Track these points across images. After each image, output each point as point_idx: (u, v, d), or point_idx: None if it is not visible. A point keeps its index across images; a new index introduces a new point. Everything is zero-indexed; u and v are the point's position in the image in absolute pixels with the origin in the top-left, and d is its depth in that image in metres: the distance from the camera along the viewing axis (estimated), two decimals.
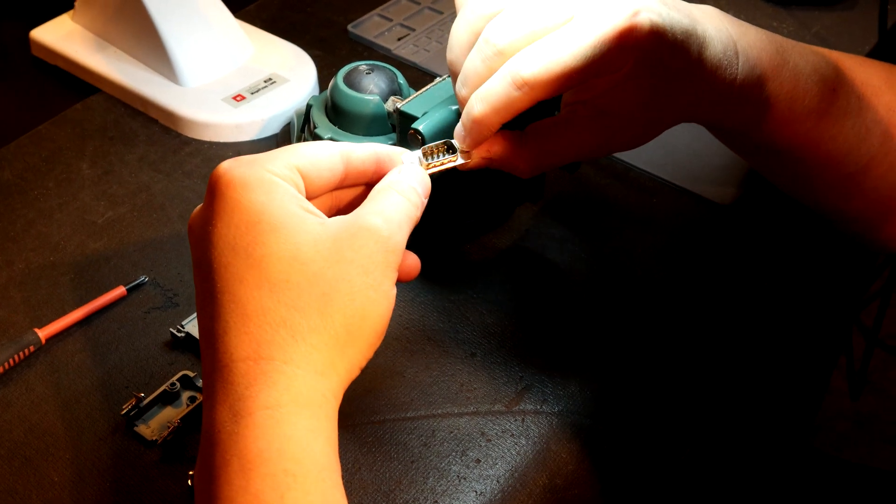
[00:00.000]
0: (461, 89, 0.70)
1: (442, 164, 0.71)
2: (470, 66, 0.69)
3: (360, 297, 0.61)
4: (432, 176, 0.70)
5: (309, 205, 0.62)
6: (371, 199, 0.65)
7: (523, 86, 0.66)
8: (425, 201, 0.67)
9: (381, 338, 0.63)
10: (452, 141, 0.71)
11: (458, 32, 0.72)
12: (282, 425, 0.58)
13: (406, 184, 0.66)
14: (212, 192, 0.62)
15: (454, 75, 0.72)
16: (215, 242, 0.60)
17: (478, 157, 0.72)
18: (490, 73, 0.68)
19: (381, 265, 0.62)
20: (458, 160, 0.71)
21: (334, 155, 0.65)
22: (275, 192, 0.61)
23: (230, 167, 0.62)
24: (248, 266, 0.59)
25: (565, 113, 0.74)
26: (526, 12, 0.68)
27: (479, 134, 0.70)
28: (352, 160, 0.66)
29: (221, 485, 0.57)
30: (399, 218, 0.63)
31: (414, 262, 0.67)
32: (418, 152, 0.71)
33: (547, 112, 0.75)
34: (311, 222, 0.61)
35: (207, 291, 0.61)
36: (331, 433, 0.60)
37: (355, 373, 0.62)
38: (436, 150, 0.71)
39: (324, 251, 0.60)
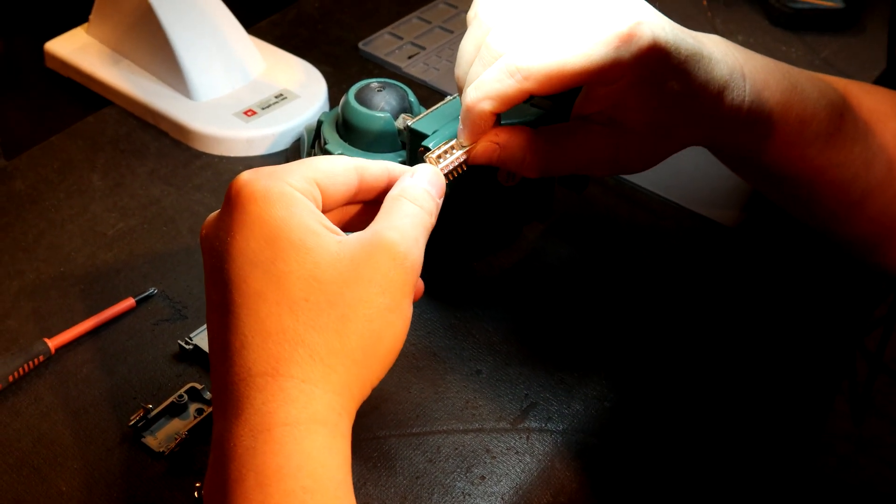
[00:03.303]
0: (464, 95, 0.71)
1: (452, 161, 0.72)
2: (472, 73, 0.71)
3: (378, 320, 0.61)
4: (446, 179, 0.71)
5: (327, 220, 0.62)
6: (386, 212, 0.64)
7: (516, 73, 0.67)
8: (440, 202, 0.67)
9: (396, 356, 0.63)
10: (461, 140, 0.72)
11: (466, 48, 0.73)
12: (300, 442, 0.58)
13: (419, 188, 0.66)
14: (231, 203, 0.61)
15: (462, 91, 0.72)
16: (234, 255, 0.60)
17: (485, 142, 0.72)
18: None
19: (399, 284, 0.62)
20: (463, 156, 0.72)
21: (350, 169, 0.65)
22: (295, 207, 0.61)
23: (251, 179, 0.61)
24: (268, 282, 0.59)
25: (574, 122, 0.74)
26: (528, 22, 0.69)
27: (473, 123, 0.70)
28: (366, 176, 0.66)
29: (237, 499, 0.57)
30: (415, 233, 0.63)
31: (419, 285, 0.67)
32: (430, 156, 0.71)
33: (556, 122, 0.76)
34: (330, 240, 0.61)
35: (223, 303, 0.61)
36: (345, 451, 0.60)
37: (368, 391, 0.62)
38: (447, 152, 0.72)
39: (343, 270, 0.60)
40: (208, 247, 0.63)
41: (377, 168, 0.67)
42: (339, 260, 0.60)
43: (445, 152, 0.72)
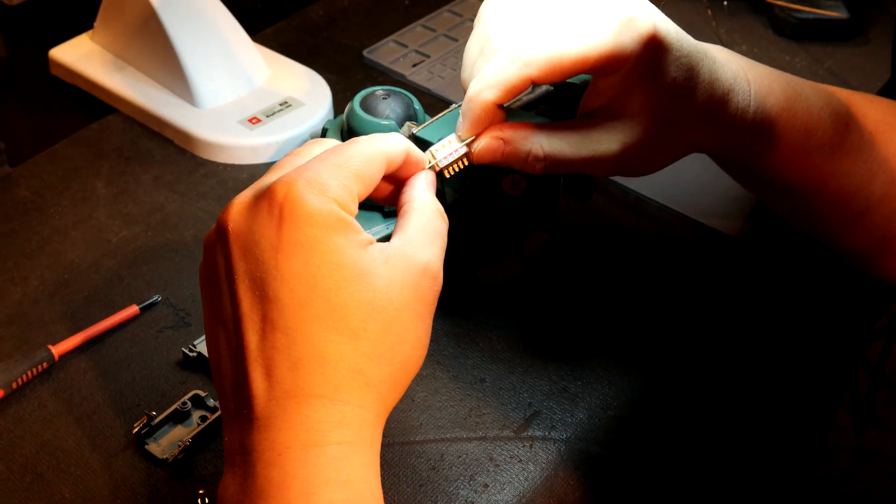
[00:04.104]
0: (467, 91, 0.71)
1: (451, 153, 0.72)
2: (476, 71, 0.71)
3: (417, 346, 0.63)
4: (448, 171, 0.71)
5: (367, 236, 0.62)
6: (420, 226, 0.65)
7: (517, 59, 0.67)
8: None
9: None
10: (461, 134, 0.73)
11: (471, 48, 0.74)
12: (350, 459, 0.59)
13: (435, 198, 0.68)
14: (280, 218, 0.59)
15: None
16: (285, 275, 0.59)
17: (489, 137, 0.71)
18: None
19: (432, 308, 0.64)
20: (463, 148, 0.72)
21: (382, 165, 0.65)
22: (350, 233, 0.61)
23: (305, 197, 0.60)
24: (329, 310, 0.59)
25: (579, 119, 0.74)
26: (531, 21, 0.69)
27: (474, 114, 0.70)
28: (391, 163, 0.66)
29: None
30: (442, 254, 0.65)
31: None
32: (428, 153, 0.72)
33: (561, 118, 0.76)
34: (380, 264, 0.61)
35: (266, 317, 0.60)
36: (378, 468, 0.62)
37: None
38: (447, 147, 0.72)
39: (395, 298, 0.61)
40: (240, 248, 0.61)
41: (401, 154, 0.67)
42: (391, 287, 0.61)
43: (446, 147, 0.72)
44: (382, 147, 0.65)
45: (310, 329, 0.59)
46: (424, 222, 0.65)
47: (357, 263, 0.60)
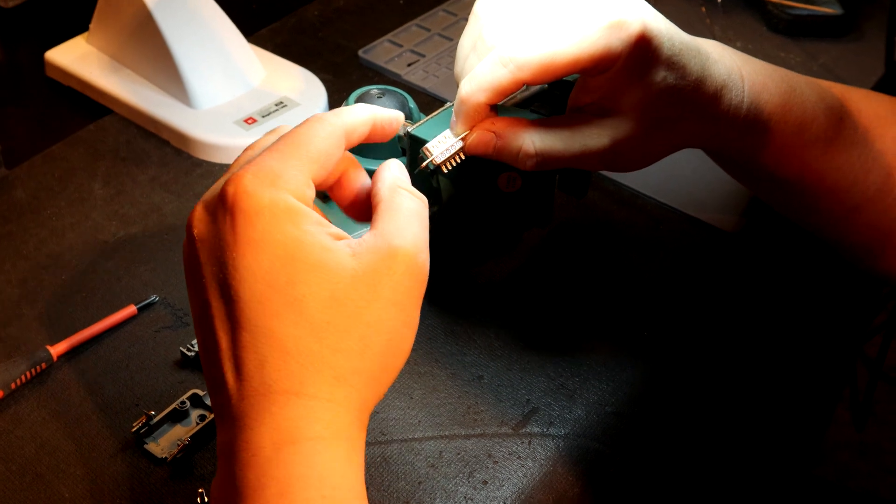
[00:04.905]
0: (459, 88, 0.71)
1: (447, 147, 0.72)
2: (468, 67, 0.71)
3: (396, 336, 0.61)
4: (445, 166, 0.72)
5: (332, 227, 0.61)
6: (389, 213, 0.63)
7: (509, 63, 0.68)
8: None
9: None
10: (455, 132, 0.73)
11: (464, 44, 0.74)
12: (323, 454, 0.58)
13: (407, 179, 0.66)
14: (232, 213, 0.59)
15: None
16: (244, 274, 0.59)
17: (481, 130, 0.72)
18: None
19: (415, 297, 0.62)
20: (459, 143, 0.72)
21: (340, 144, 0.63)
22: (306, 223, 0.59)
23: (252, 190, 0.59)
24: (287, 304, 0.58)
25: (570, 114, 0.75)
26: (522, 16, 0.70)
27: (466, 114, 0.71)
28: (352, 137, 0.65)
29: None
30: (424, 235, 0.63)
31: None
32: (424, 150, 0.72)
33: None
34: (344, 255, 0.60)
35: (231, 316, 0.59)
36: (362, 462, 0.61)
37: (378, 401, 0.63)
38: (443, 143, 0.72)
39: (362, 289, 0.60)
40: (205, 252, 0.61)
41: (364, 123, 0.65)
42: (356, 278, 0.60)
43: (442, 143, 0.72)
44: (338, 121, 0.64)
45: (271, 325, 0.59)
46: (395, 208, 0.63)
47: (313, 255, 0.59)
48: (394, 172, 0.66)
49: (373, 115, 0.66)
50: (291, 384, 0.59)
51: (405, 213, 0.63)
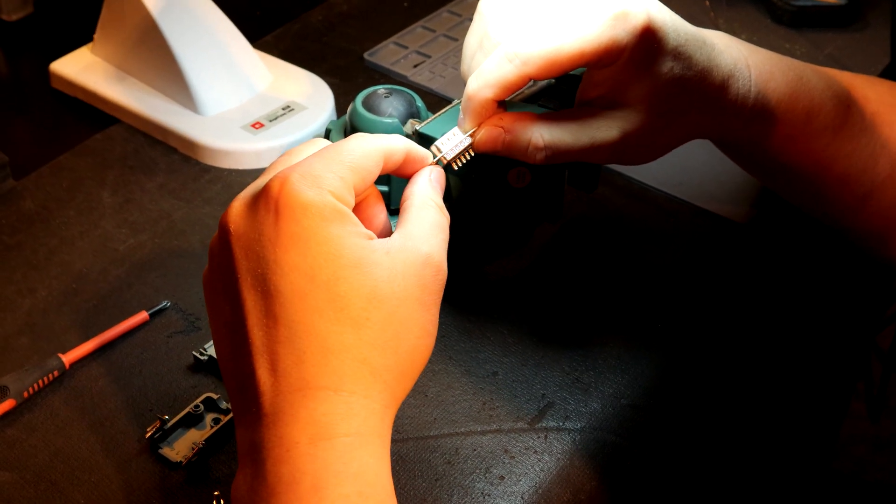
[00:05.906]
0: (466, 85, 0.72)
1: (456, 144, 0.72)
2: (475, 64, 0.72)
3: (424, 335, 0.62)
4: (455, 163, 0.72)
5: (367, 230, 0.62)
6: (418, 220, 0.65)
7: (514, 58, 0.68)
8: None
9: None
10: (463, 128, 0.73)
11: (469, 41, 0.75)
12: (359, 451, 0.59)
13: (437, 193, 0.67)
14: (277, 212, 0.60)
15: None
16: (286, 269, 0.59)
17: (490, 126, 0.72)
18: None
19: (438, 298, 0.63)
20: (467, 139, 0.72)
21: (379, 161, 0.65)
22: (346, 223, 0.61)
23: (298, 189, 0.60)
24: (329, 300, 0.59)
25: (578, 108, 0.74)
26: (527, 12, 0.70)
27: (474, 111, 0.71)
28: (389, 161, 0.66)
29: (290, 501, 0.58)
30: (444, 247, 0.65)
31: None
32: (434, 148, 0.72)
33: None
34: (381, 255, 0.61)
35: (269, 312, 0.60)
36: (389, 459, 0.61)
37: (403, 399, 0.64)
38: (451, 140, 0.73)
39: (397, 288, 0.61)
40: (241, 247, 0.61)
41: (401, 152, 0.67)
42: (393, 277, 0.61)
43: (450, 140, 0.72)
44: (379, 142, 0.65)
45: (311, 320, 0.59)
46: (424, 216, 0.65)
47: (355, 253, 0.60)
48: (432, 185, 0.68)
49: (408, 146, 0.68)
50: (330, 380, 0.59)
51: (432, 223, 0.65)
